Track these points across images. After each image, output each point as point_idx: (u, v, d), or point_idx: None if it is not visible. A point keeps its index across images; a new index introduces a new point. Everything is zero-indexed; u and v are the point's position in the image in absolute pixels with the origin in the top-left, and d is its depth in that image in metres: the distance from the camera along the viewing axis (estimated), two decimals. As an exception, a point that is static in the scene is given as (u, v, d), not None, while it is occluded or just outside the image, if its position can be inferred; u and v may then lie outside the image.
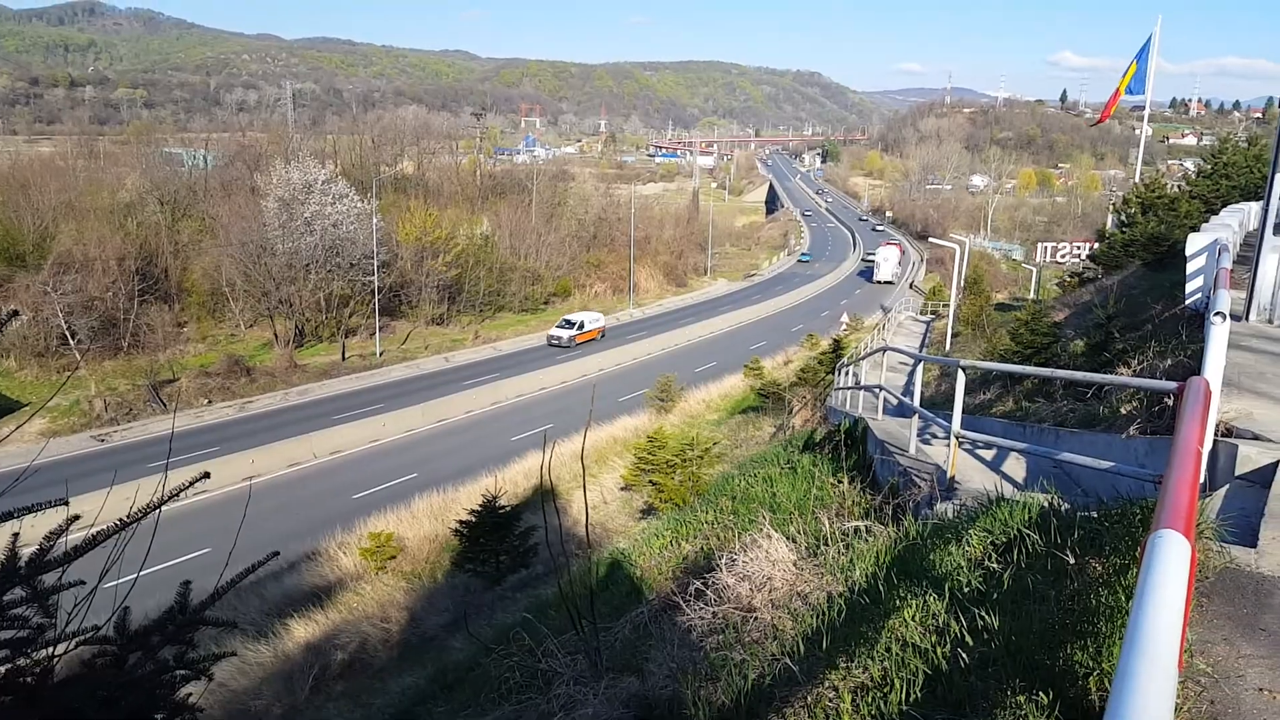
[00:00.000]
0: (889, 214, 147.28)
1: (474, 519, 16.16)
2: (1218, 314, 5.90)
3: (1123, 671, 1.71)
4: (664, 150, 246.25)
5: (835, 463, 9.98)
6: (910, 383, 23.73)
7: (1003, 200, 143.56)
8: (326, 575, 21.17)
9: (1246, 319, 10.49)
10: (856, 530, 5.17)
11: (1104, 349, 12.29)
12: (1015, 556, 3.89)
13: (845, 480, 8.35)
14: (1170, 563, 2.07)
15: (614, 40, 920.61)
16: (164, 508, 2.97)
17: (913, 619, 3.47)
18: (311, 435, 34.88)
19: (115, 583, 2.98)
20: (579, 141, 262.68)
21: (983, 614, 3.30)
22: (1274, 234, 10.67)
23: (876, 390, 11.76)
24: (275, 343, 49.69)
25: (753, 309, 73.52)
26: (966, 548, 4.23)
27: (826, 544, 5.09)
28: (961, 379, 6.69)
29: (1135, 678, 1.68)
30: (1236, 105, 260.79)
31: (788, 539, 5.31)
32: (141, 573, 3.11)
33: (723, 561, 5.03)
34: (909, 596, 3.69)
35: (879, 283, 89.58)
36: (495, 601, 15.94)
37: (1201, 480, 6.05)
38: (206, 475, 3.50)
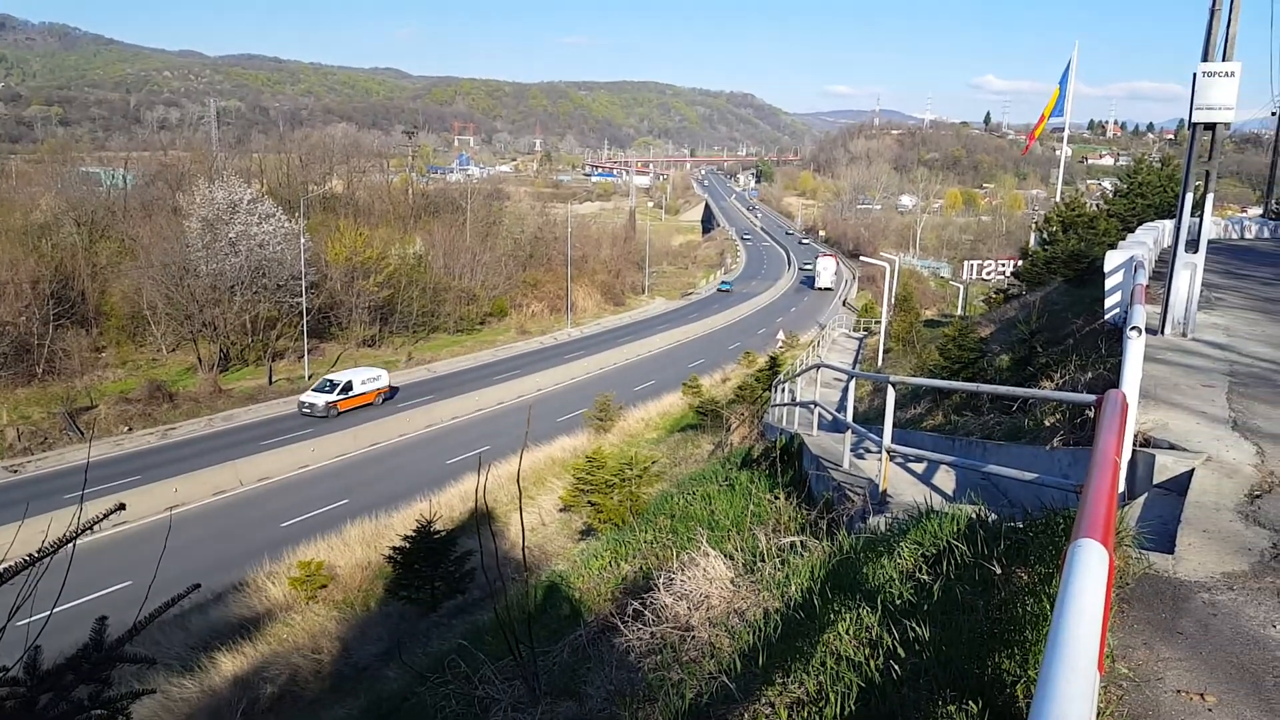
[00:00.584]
0: (822, 233, 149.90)
1: (408, 545, 15.87)
2: (1134, 329, 6.14)
3: (1044, 678, 1.75)
4: (600, 169, 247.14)
5: (772, 479, 10.07)
6: (844, 399, 24.11)
7: (930, 219, 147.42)
8: (254, 606, 20.53)
9: (1162, 333, 10.91)
10: (793, 546, 5.22)
11: (1028, 363, 12.66)
12: (945, 568, 3.97)
13: (782, 496, 8.42)
14: (1089, 571, 2.14)
15: (548, 59, 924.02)
16: (81, 540, 2.85)
17: (847, 633, 3.51)
18: (238, 462, 33.91)
19: (27, 620, 2.84)
20: (514, 160, 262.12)
21: (914, 625, 3.35)
22: (1186, 251, 11.17)
23: (811, 406, 11.91)
24: (199, 367, 48.21)
25: (690, 327, 73.99)
26: (898, 560, 4.30)
27: (763, 560, 5.12)
28: (892, 395, 6.82)
29: (1056, 684, 1.72)
30: (1150, 127, 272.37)
31: (725, 556, 5.33)
32: (56, 609, 2.98)
33: (660, 581, 5.02)
34: (843, 610, 3.73)
35: (820, 289, 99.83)
36: (431, 629, 15.65)
37: (1121, 490, 6.27)
38: (122, 507, 3.37)
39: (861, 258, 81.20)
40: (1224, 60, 10.29)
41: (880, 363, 36.72)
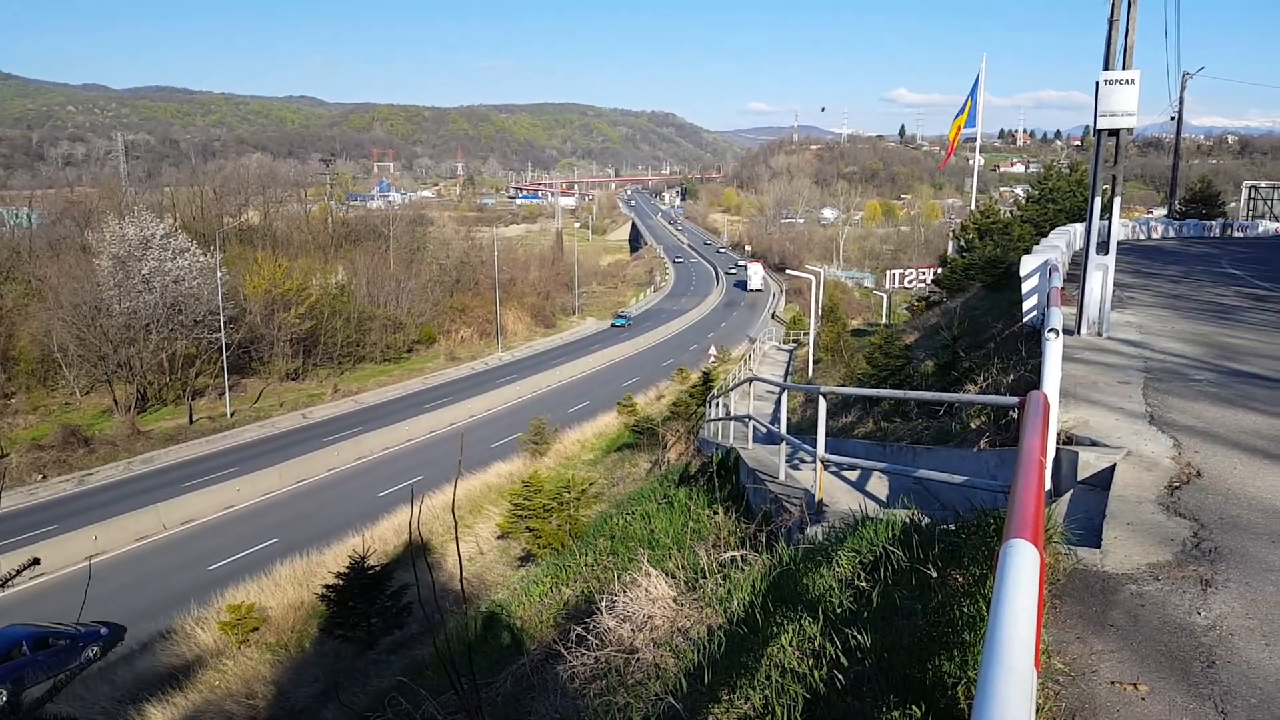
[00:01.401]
0: (748, 248, 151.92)
1: (341, 582, 15.46)
2: (1051, 330, 6.32)
3: (984, 679, 1.77)
4: (525, 192, 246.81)
5: (710, 494, 10.09)
6: (777, 411, 24.35)
7: (852, 231, 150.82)
8: (184, 654, 19.76)
9: (1078, 333, 11.29)
10: (733, 560, 5.22)
11: (952, 368, 12.97)
12: (882, 574, 4.00)
13: (720, 511, 8.43)
14: (1021, 571, 2.16)
15: (467, 83, 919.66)
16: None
17: (790, 644, 3.51)
18: (160, 505, 32.70)
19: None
20: (436, 185, 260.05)
21: (855, 633, 3.37)
22: (1097, 253, 11.59)
23: (746, 420, 11.99)
24: (115, 409, 46.42)
25: (623, 346, 74.09)
26: (837, 569, 4.32)
27: (705, 577, 5.10)
28: (823, 405, 6.90)
29: (996, 684, 1.73)
30: (1058, 134, 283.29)
31: (667, 575, 5.30)
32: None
33: (603, 604, 4.96)
34: (785, 622, 3.73)
35: (753, 290, 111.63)
36: (369, 666, 15.26)
37: (1048, 487, 6.43)
38: (36, 561, 3.20)
39: (788, 271, 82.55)
40: (1124, 69, 10.75)
41: (811, 373, 37.25)
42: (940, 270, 36.96)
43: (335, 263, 73.01)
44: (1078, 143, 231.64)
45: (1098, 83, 10.57)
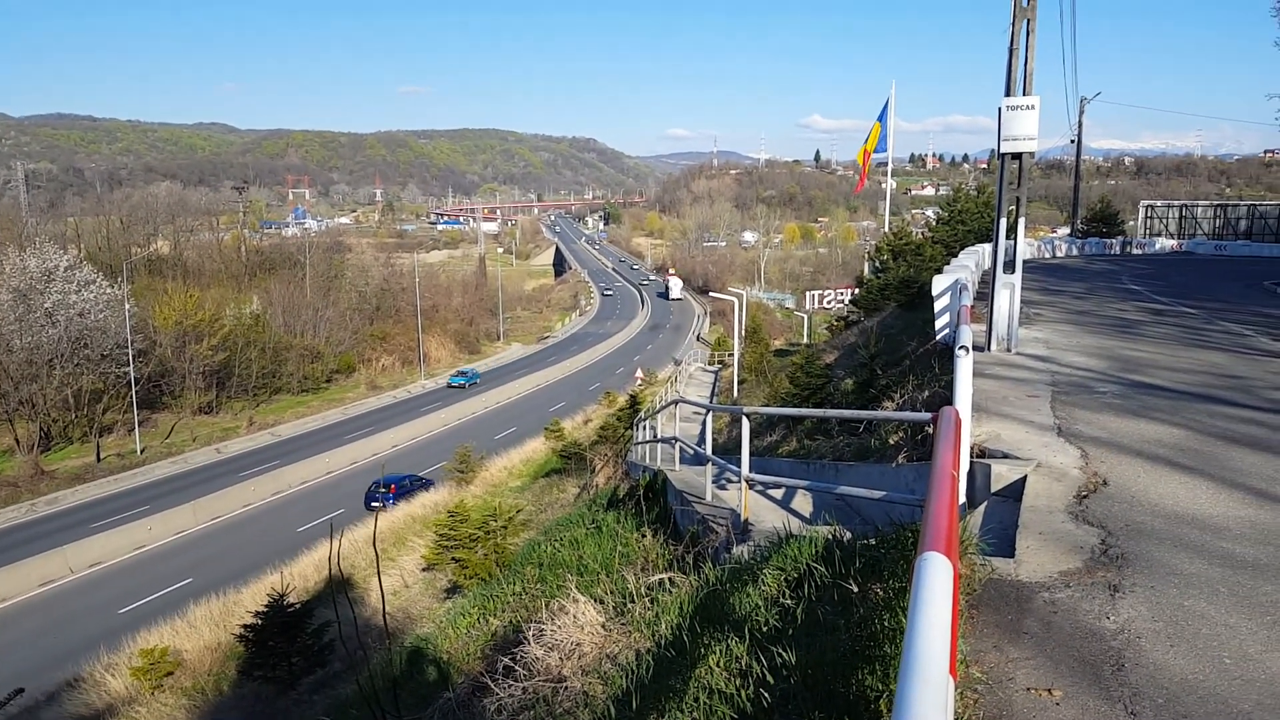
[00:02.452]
0: (671, 270, 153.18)
1: (259, 621, 14.93)
2: (961, 348, 6.51)
3: (901, 692, 1.79)
4: (446, 217, 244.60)
5: (639, 517, 10.08)
6: (703, 432, 24.40)
7: (773, 254, 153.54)
8: (92, 703, 18.80)
9: (988, 349, 11.68)
10: (661, 583, 5.21)
11: (870, 386, 13.27)
12: (806, 591, 4.05)
13: (648, 534, 8.43)
14: (935, 584, 2.21)
15: (384, 109, 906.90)
16: None
17: (717, 665, 3.52)
18: (66, 548, 31.16)
19: None
20: (354, 212, 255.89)
21: (780, 651, 3.39)
22: (1004, 272, 12.03)
23: (673, 442, 12.04)
24: (17, 449, 44.17)
25: (549, 371, 73.79)
26: (763, 587, 4.35)
27: (633, 601, 5.08)
28: (746, 425, 6.97)
29: (912, 695, 1.76)
30: (966, 158, 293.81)
31: (595, 601, 5.26)
32: None
33: (531, 633, 4.90)
34: (713, 643, 3.74)
35: (674, 299, 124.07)
36: (290, 707, 14.74)
37: (963, 500, 6.61)
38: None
39: (710, 293, 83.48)
40: (1024, 95, 11.24)
41: (736, 393, 37.63)
42: (857, 291, 37.84)
43: (249, 292, 71.12)
44: (984, 165, 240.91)
45: (1000, 109, 11.03)
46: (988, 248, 32.23)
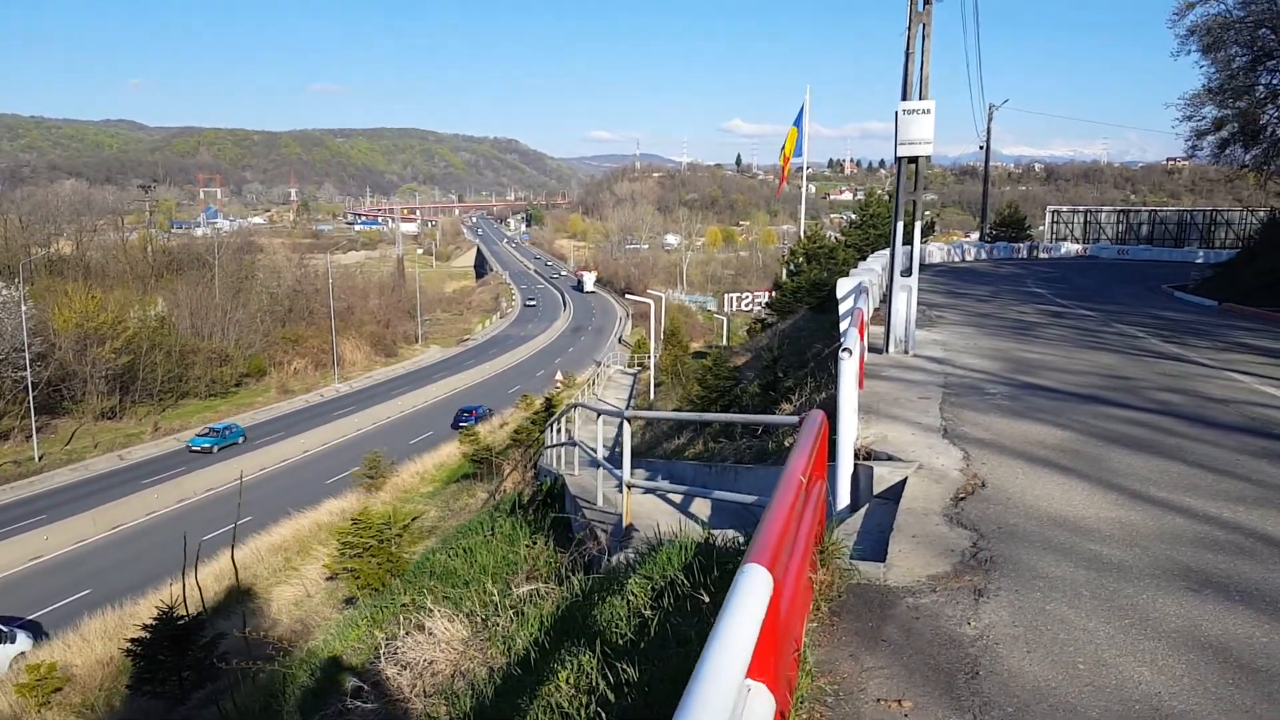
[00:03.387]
0: (595, 273, 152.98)
1: (149, 634, 14.21)
2: (845, 350, 6.45)
3: (682, 708, 1.65)
4: (364, 218, 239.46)
5: (537, 523, 9.84)
6: (597, 435, 24.24)
7: (695, 256, 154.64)
8: (-29, 725, 17.72)
9: (887, 351, 11.78)
10: (532, 594, 4.99)
11: (773, 388, 13.27)
12: (666, 601, 3.89)
13: (541, 541, 8.19)
14: (746, 598, 2.05)
15: (299, 107, 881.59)
16: None
17: (567, 682, 3.32)
18: (-48, 561, 29.40)
19: None
20: (268, 211, 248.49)
21: (625, 666, 3.22)
22: (902, 275, 12.15)
23: (572, 445, 11.83)
24: (-101, 457, 41.54)
25: (468, 374, 72.77)
26: (629, 597, 4.18)
27: (498, 614, 4.85)
28: (628, 429, 6.80)
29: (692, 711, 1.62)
30: (882, 163, 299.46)
31: (465, 614, 5.01)
32: None
33: (384, 651, 4.62)
34: (566, 658, 3.54)
35: (588, 291, 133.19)
36: (180, 724, 14.05)
37: (846, 502, 6.55)
38: None
39: (628, 295, 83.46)
40: (920, 99, 11.36)
41: (653, 395, 37.63)
42: (773, 294, 38.20)
43: (155, 294, 68.28)
44: (911, 174, 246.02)
45: (897, 113, 11.13)
46: (903, 251, 32.92)
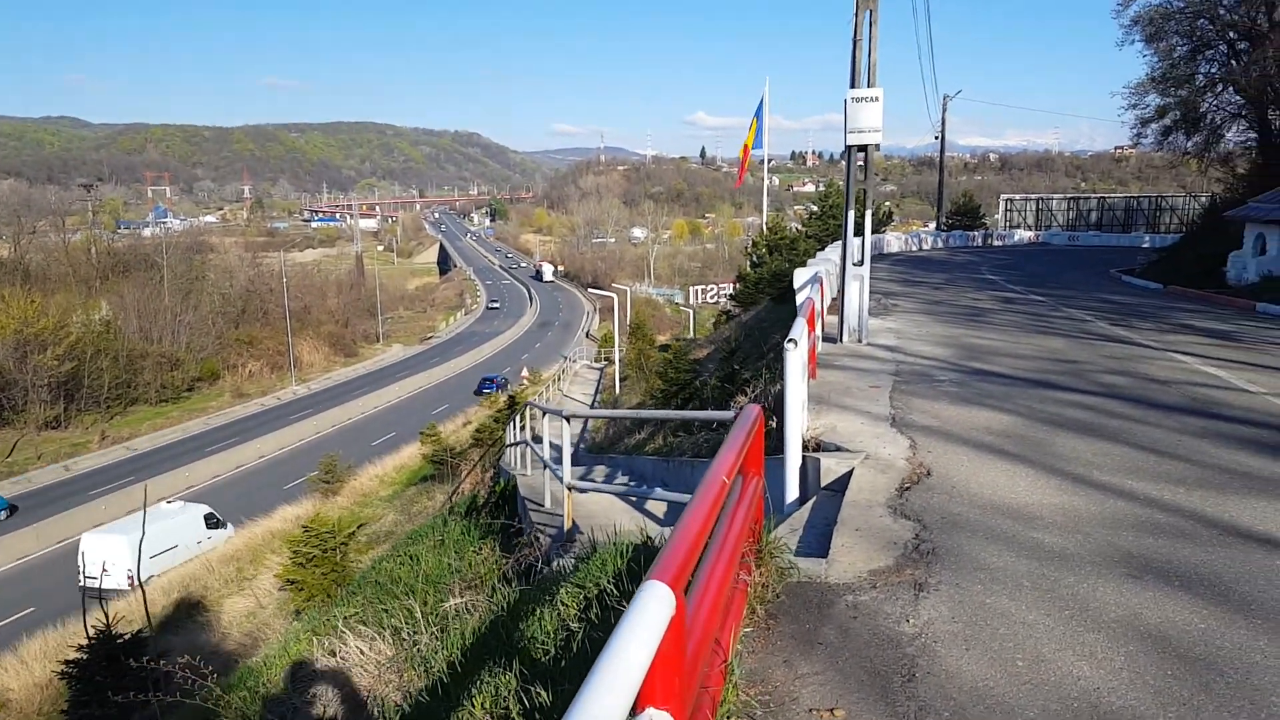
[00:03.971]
0: (560, 268, 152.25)
1: (85, 655, 13.72)
2: (790, 342, 6.35)
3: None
4: (321, 215, 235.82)
5: (491, 525, 9.63)
6: (544, 435, 23.93)
7: (662, 249, 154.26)
8: (-97, 753, 17.08)
9: (841, 340, 11.71)
10: (461, 608, 4.79)
11: (731, 380, 13.17)
12: (594, 612, 3.73)
13: (488, 546, 8.00)
14: (641, 620, 1.90)
15: (251, 102, 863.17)
16: None
17: (481, 707, 3.15)
18: (-114, 581, 28.38)
19: None
20: (220, 210, 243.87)
21: (540, 690, 3.05)
22: (855, 265, 12.09)
23: (525, 444, 11.63)
24: None
25: (433, 372, 71.86)
26: (560, 608, 4.01)
27: (422, 630, 4.65)
28: (568, 429, 6.63)
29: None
30: (843, 155, 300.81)
31: (391, 631, 4.80)
32: None
33: (295, 675, 4.41)
34: (485, 680, 3.36)
35: (548, 281, 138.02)
36: (118, 748, 13.59)
37: (794, 495, 6.44)
38: None
39: (591, 289, 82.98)
40: (869, 86, 11.27)
41: (618, 390, 37.42)
42: (737, 285, 38.20)
43: (101, 297, 66.53)
44: (860, 163, 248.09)
45: (845, 100, 11.04)
46: (856, 241, 33.01)
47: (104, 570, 24.80)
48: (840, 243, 24.03)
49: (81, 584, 24.80)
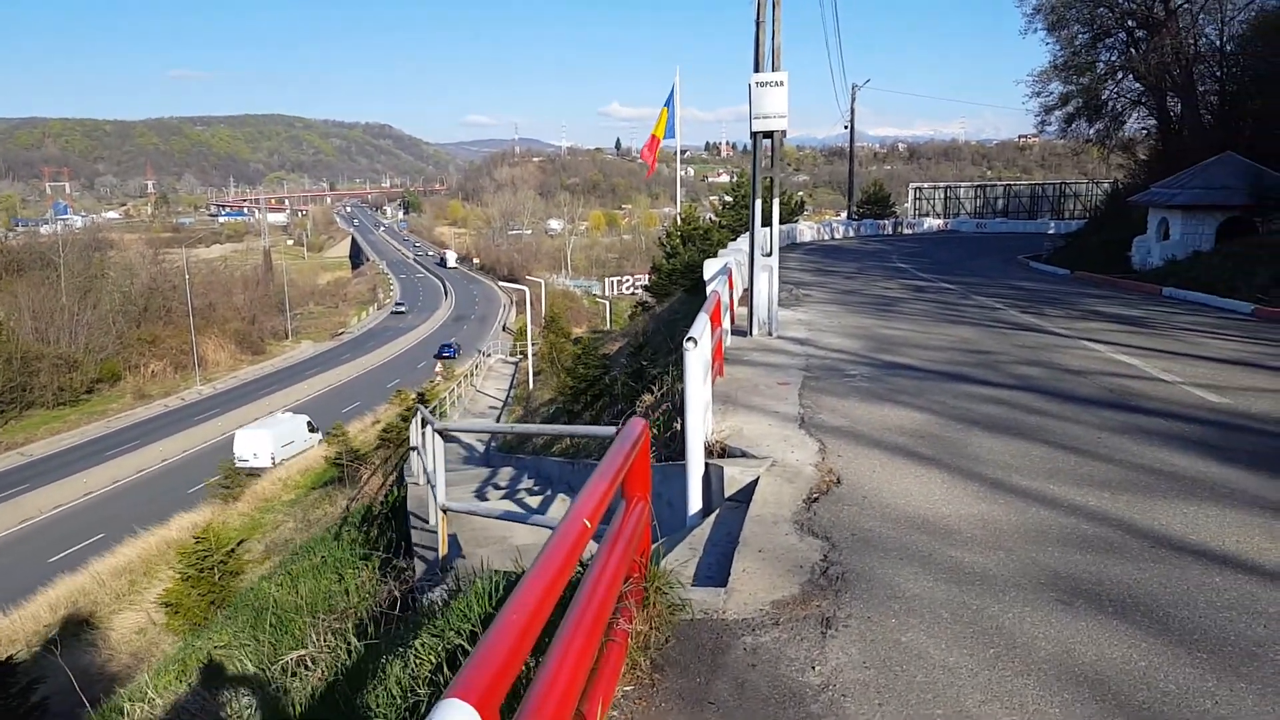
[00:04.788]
0: (475, 260, 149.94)
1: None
2: (689, 341, 5.80)
3: None
4: (228, 209, 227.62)
5: (380, 540, 8.91)
6: (423, 446, 23.29)
7: (579, 241, 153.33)
8: None
9: (751, 334, 11.28)
10: (309, 658, 4.13)
11: (640, 377, 12.65)
12: (444, 675, 3.12)
13: (369, 568, 7.29)
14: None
15: (154, 94, 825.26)
16: None
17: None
18: None
19: None
20: (124, 205, 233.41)
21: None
22: (763, 256, 11.66)
23: (418, 450, 10.88)
24: None
25: (344, 368, 69.77)
26: (413, 664, 3.39)
27: (262, 688, 3.99)
28: (439, 444, 5.97)
29: None
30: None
31: (233, 682, 4.11)
32: None
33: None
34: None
35: (450, 267, 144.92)
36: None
37: (697, 507, 5.93)
38: None
39: (501, 284, 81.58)
40: (773, 70, 10.83)
41: (531, 385, 36.64)
42: (651, 277, 37.75)
43: (-7, 297, 62.78)
44: (767, 150, 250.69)
45: (750, 85, 10.57)
46: (766, 231, 32.91)
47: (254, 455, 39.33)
48: (764, 230, 23.81)
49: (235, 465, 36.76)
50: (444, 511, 5.45)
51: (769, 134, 10.78)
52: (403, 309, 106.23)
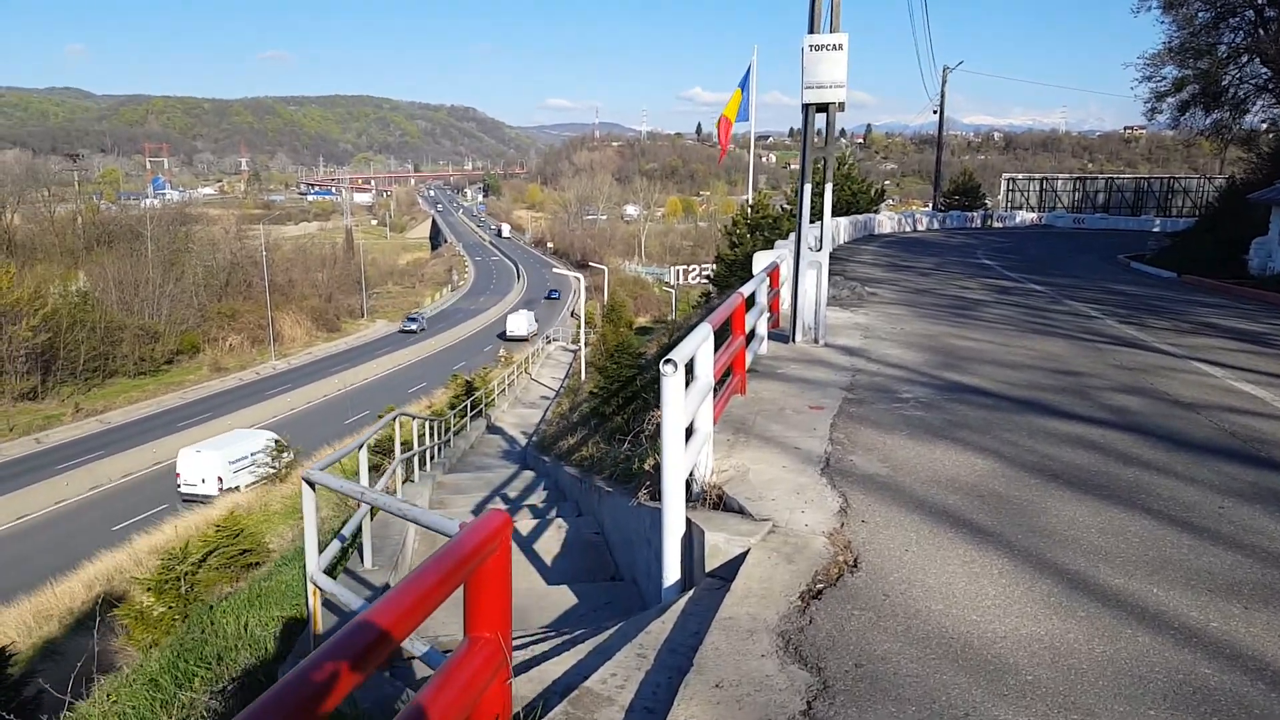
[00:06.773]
0: (550, 244, 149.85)
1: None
2: (667, 364, 4.39)
3: None
4: (317, 188, 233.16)
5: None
6: (361, 464, 22.23)
7: (654, 227, 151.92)
8: None
9: (793, 340, 9.78)
10: None
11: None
12: None
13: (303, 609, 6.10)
14: None
15: (250, 75, 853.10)
16: None
17: None
18: None
19: None
20: (219, 181, 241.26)
21: None
22: (812, 249, 10.10)
23: (402, 460, 9.75)
24: None
25: (415, 348, 70.10)
26: None
27: None
28: (311, 497, 4.71)
29: None
30: (843, 132, 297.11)
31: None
32: None
33: None
34: None
35: (505, 237, 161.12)
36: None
37: (675, 579, 4.55)
38: None
39: (556, 271, 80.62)
40: (830, 32, 9.27)
41: (583, 376, 35.47)
42: (716, 266, 36.17)
43: (78, 268, 64.78)
44: (860, 140, 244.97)
45: (802, 49, 9.05)
46: (843, 221, 30.91)
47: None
48: (818, 222, 22.08)
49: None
50: (315, 585, 4.20)
51: (823, 107, 9.23)
52: (413, 327, 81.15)
